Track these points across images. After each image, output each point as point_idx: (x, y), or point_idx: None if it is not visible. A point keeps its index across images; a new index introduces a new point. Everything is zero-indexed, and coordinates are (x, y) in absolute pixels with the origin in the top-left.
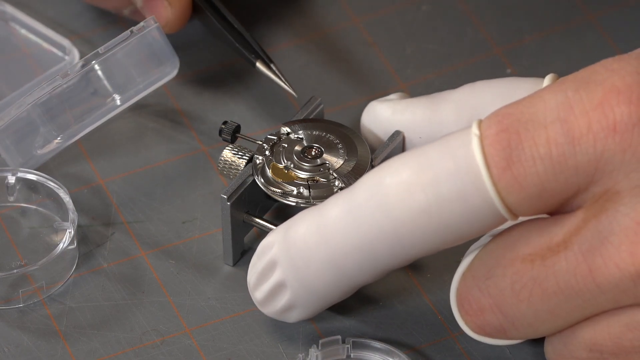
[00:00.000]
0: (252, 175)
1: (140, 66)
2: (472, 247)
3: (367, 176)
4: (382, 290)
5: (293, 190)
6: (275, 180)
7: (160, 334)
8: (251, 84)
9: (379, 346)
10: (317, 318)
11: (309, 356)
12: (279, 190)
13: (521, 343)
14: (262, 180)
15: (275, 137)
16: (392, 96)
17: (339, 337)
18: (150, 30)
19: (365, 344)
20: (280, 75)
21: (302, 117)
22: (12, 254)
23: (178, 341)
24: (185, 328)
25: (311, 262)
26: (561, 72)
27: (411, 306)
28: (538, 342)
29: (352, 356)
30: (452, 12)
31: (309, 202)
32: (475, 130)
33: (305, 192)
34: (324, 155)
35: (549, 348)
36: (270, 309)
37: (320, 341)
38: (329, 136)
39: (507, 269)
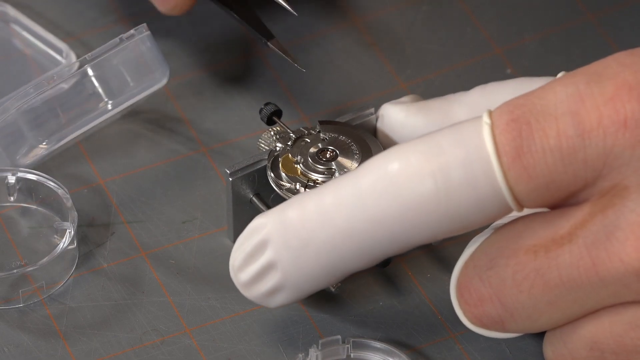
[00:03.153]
0: (267, 159)
1: (130, 73)
2: (475, 238)
3: (374, 160)
4: (382, 290)
5: (291, 184)
6: (280, 170)
7: (160, 334)
8: (251, 84)
9: (379, 346)
10: (317, 318)
11: (309, 356)
12: (278, 180)
13: (521, 343)
14: (270, 166)
15: (305, 130)
16: (404, 98)
17: (339, 337)
18: (141, 38)
19: (365, 344)
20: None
21: (344, 121)
22: (12, 254)
23: (178, 341)
24: (185, 328)
25: (308, 244)
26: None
27: (411, 306)
28: (538, 343)
29: (352, 356)
30: (452, 12)
31: None
32: (486, 119)
33: (302, 189)
34: (338, 159)
35: (547, 348)
36: (254, 292)
37: (320, 341)
38: (352, 144)
39: (510, 259)
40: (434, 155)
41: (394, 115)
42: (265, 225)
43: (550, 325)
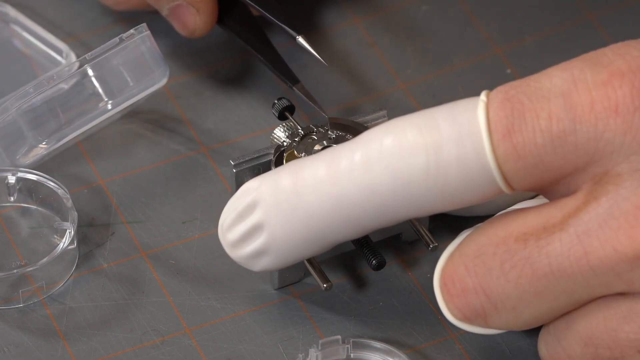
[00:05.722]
0: (273, 153)
1: (130, 73)
2: (465, 230)
3: (371, 132)
4: (382, 290)
5: None
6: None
7: (160, 334)
8: (251, 84)
9: (379, 346)
10: (317, 318)
11: (309, 356)
12: None
13: (521, 343)
14: (275, 160)
15: (314, 128)
16: None
17: (339, 337)
18: (141, 37)
19: (365, 344)
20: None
21: (355, 120)
22: (12, 254)
23: (178, 341)
24: (185, 328)
25: (299, 208)
26: None
27: (411, 306)
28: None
29: (352, 356)
30: (452, 12)
31: None
32: (483, 97)
33: None
34: None
35: (542, 346)
36: (240, 252)
37: (320, 341)
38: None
39: (499, 247)
40: (428, 129)
41: None
42: (257, 187)
43: (533, 319)
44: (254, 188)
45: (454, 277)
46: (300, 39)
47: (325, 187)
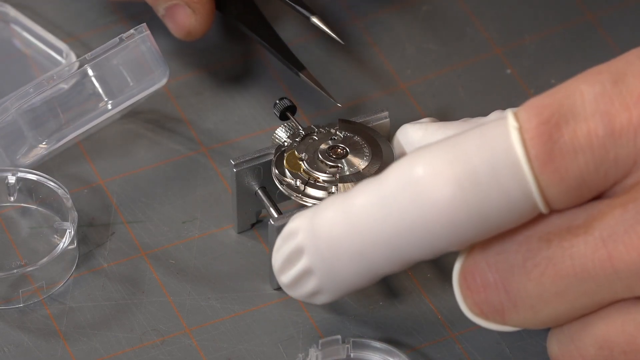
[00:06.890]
0: (273, 153)
1: (130, 73)
2: None
3: (398, 165)
4: (382, 290)
5: (292, 180)
6: (284, 165)
7: (160, 334)
8: (251, 84)
9: (379, 346)
10: (317, 318)
11: (309, 356)
12: (281, 175)
13: (521, 343)
14: (275, 160)
15: (315, 128)
16: (423, 120)
17: (339, 337)
18: (141, 37)
19: (365, 344)
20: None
21: (358, 121)
22: (12, 254)
23: (178, 341)
24: (185, 328)
25: (339, 253)
26: (561, 72)
27: (411, 306)
28: (539, 342)
29: (352, 356)
30: (452, 12)
31: (299, 197)
32: (512, 122)
33: (301, 186)
34: (348, 157)
35: (553, 343)
36: (297, 293)
37: (320, 341)
38: (365, 145)
39: (522, 245)
40: (460, 161)
41: (413, 135)
42: (299, 230)
43: (551, 319)
44: (296, 231)
45: (475, 272)
46: (315, 19)
47: (359, 228)
